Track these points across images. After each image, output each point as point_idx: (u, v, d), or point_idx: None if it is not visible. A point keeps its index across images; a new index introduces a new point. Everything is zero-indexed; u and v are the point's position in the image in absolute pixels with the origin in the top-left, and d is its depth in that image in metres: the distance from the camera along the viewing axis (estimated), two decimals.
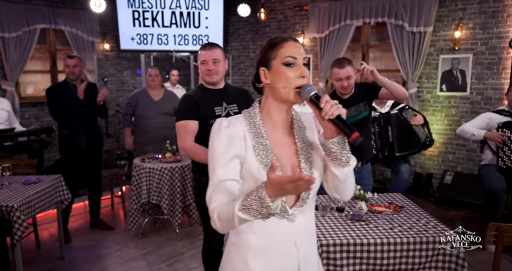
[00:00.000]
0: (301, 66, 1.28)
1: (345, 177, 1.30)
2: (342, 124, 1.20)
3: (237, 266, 1.34)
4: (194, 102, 2.47)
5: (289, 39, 1.31)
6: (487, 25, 4.65)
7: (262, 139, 1.30)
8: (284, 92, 1.28)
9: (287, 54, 1.27)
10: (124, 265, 3.47)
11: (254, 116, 1.34)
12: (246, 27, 6.92)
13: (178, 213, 3.88)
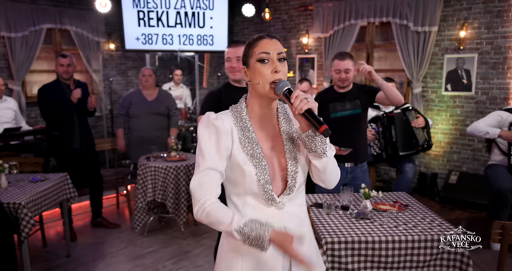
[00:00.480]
0: (274, 61, 1.33)
1: (324, 167, 1.37)
2: (311, 117, 1.25)
3: (230, 251, 1.42)
4: (216, 98, 2.54)
5: (264, 37, 1.36)
6: (492, 24, 4.64)
7: (248, 132, 1.38)
8: (261, 88, 1.34)
9: (260, 50, 1.33)
10: (129, 263, 3.50)
11: (240, 111, 1.41)
12: (251, 27, 6.94)
13: (183, 211, 3.90)
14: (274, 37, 1.37)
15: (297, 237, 1.31)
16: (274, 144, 1.42)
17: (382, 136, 4.12)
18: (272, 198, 1.37)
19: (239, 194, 1.40)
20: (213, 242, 3.78)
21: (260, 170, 1.35)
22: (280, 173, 1.41)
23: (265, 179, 1.35)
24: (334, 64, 2.98)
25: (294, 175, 1.40)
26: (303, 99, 1.24)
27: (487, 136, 3.65)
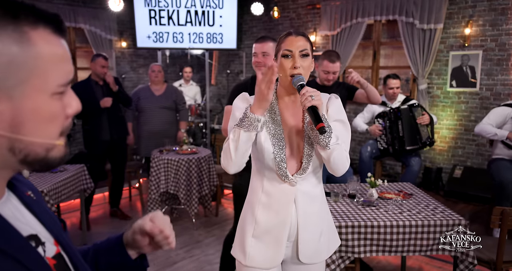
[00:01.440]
0: (295, 57, 1.49)
1: (328, 157, 1.48)
2: (312, 114, 1.38)
3: (247, 216, 1.65)
4: (243, 89, 2.64)
5: (290, 34, 1.53)
6: (497, 22, 4.73)
7: (275, 115, 1.57)
8: (283, 79, 1.53)
9: (284, 47, 1.51)
10: None
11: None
12: (259, 25, 7.06)
13: (195, 203, 4.03)
14: (299, 34, 1.53)
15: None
16: (296, 128, 1.58)
17: (389, 131, 4.22)
18: (285, 175, 1.53)
19: (259, 168, 1.61)
20: (223, 232, 3.91)
21: (277, 148, 1.53)
22: (297, 155, 1.57)
23: (281, 157, 1.53)
24: (324, 65, 3.12)
25: (308, 158, 1.55)
26: (308, 97, 1.38)
27: (495, 137, 3.69)
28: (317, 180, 1.63)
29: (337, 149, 1.47)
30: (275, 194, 1.57)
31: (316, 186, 1.63)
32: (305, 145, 1.55)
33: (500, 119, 3.73)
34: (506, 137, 3.64)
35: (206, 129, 6.83)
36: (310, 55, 1.54)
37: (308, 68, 1.54)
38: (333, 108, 1.58)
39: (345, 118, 1.60)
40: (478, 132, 3.82)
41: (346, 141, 1.57)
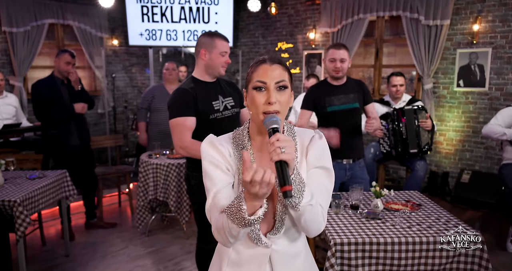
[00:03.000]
0: (270, 91, 1.22)
1: (298, 218, 1.22)
2: (280, 171, 1.10)
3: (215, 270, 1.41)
4: (191, 96, 2.32)
5: (264, 62, 1.26)
6: (507, 17, 4.48)
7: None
8: (254, 116, 1.26)
9: (257, 78, 1.24)
10: (130, 263, 3.38)
11: (242, 138, 1.33)
12: (257, 22, 6.81)
13: (186, 210, 3.78)
14: (275, 62, 1.26)
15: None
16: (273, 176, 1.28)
17: (392, 133, 3.97)
18: (258, 238, 1.28)
19: None
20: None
21: None
22: (271, 210, 1.29)
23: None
24: (329, 53, 2.93)
25: (282, 216, 1.28)
26: (277, 148, 1.09)
27: (504, 137, 3.51)
28: (297, 235, 1.36)
29: (309, 210, 1.20)
30: (245, 255, 1.32)
31: (296, 242, 1.36)
32: (279, 200, 1.27)
33: (508, 120, 3.54)
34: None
35: None
36: (289, 88, 1.26)
37: (287, 104, 1.26)
38: (314, 152, 1.30)
39: (328, 165, 1.32)
40: (486, 133, 3.62)
41: (325, 196, 1.30)
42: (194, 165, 2.40)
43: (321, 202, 1.26)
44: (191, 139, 2.28)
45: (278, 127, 1.18)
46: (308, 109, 3.03)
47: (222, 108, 2.40)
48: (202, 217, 2.52)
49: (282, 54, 6.49)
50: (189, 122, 2.29)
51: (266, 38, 6.71)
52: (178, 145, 2.31)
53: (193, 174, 2.43)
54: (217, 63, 2.35)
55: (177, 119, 2.29)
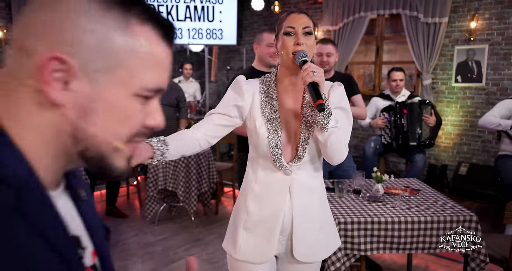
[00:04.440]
0: (298, 34, 1.41)
1: (325, 141, 1.39)
2: (312, 91, 1.29)
3: (240, 206, 1.58)
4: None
5: (292, 12, 1.46)
6: (504, 15, 4.63)
7: (271, 99, 1.49)
8: (285, 58, 1.43)
9: (287, 24, 1.43)
10: (141, 250, 3.53)
11: (269, 79, 1.53)
12: (260, 21, 6.96)
13: (194, 200, 3.93)
14: (302, 12, 1.46)
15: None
16: (294, 113, 1.50)
17: (393, 125, 4.11)
18: (280, 162, 1.46)
19: (254, 156, 1.55)
20: (223, 230, 3.78)
21: (272, 134, 1.47)
22: (293, 141, 1.50)
23: (275, 142, 1.46)
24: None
25: (304, 145, 1.46)
26: (310, 72, 1.29)
27: (499, 128, 3.59)
28: (315, 170, 1.54)
29: (335, 132, 1.39)
30: (269, 183, 1.50)
31: (314, 177, 1.54)
32: (302, 131, 1.47)
33: (504, 112, 3.62)
34: (510, 126, 3.50)
35: None
36: (313, 34, 1.45)
37: (312, 47, 1.45)
38: (335, 95, 1.49)
39: (347, 107, 1.51)
40: (482, 125, 3.68)
41: (346, 129, 1.49)
42: (240, 145, 2.72)
43: (344, 134, 1.44)
44: None
45: (308, 60, 1.36)
46: None
47: None
48: None
49: None
50: None
51: None
52: None
53: (240, 154, 2.74)
54: (265, 54, 2.65)
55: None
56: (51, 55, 0.49)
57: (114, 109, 0.54)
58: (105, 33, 0.51)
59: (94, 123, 0.53)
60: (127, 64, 0.53)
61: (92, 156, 0.55)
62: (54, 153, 0.53)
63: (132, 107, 0.55)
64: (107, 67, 0.52)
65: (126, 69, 0.53)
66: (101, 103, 0.53)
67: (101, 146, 0.55)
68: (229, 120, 1.52)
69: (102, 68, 0.52)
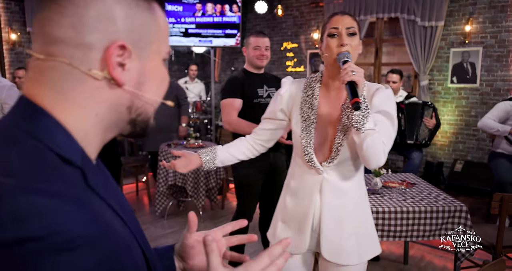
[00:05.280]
0: (342, 35, 1.42)
1: (361, 143, 1.35)
2: (349, 89, 1.30)
3: (281, 200, 1.70)
4: (240, 83, 2.74)
5: (335, 14, 1.48)
6: (497, 19, 4.82)
7: (312, 99, 1.53)
8: (329, 60, 1.45)
9: (330, 26, 1.44)
10: (152, 242, 3.68)
11: (314, 80, 1.58)
12: (263, 23, 7.14)
13: (202, 195, 4.12)
14: (346, 13, 1.47)
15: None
16: (333, 115, 1.51)
17: None
18: (311, 161, 1.50)
19: (294, 154, 1.63)
20: None
21: (305, 133, 1.52)
22: (329, 142, 1.51)
23: (307, 142, 1.51)
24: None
25: (338, 147, 1.47)
26: (349, 71, 1.29)
27: (498, 133, 3.67)
28: (350, 173, 1.52)
29: (372, 135, 1.32)
30: (302, 180, 1.56)
31: (348, 180, 1.52)
32: (338, 133, 1.47)
33: (502, 115, 3.70)
34: (508, 132, 3.61)
35: (211, 125, 6.92)
36: (357, 35, 1.45)
37: (356, 48, 1.45)
38: (378, 97, 1.44)
39: (391, 110, 1.44)
40: (481, 127, 3.80)
41: (387, 134, 1.40)
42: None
43: (383, 138, 1.37)
44: (236, 117, 2.69)
45: (349, 61, 1.37)
46: None
47: (265, 95, 2.80)
48: (241, 189, 2.85)
49: (287, 54, 6.83)
50: (237, 103, 2.70)
51: (272, 39, 7.04)
52: (225, 121, 2.71)
53: None
54: (252, 56, 2.75)
55: (227, 100, 2.71)
56: (116, 44, 0.56)
57: (157, 75, 0.64)
58: (142, 16, 0.60)
59: (148, 90, 0.62)
60: (158, 37, 0.63)
61: (142, 119, 0.64)
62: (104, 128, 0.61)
63: (164, 70, 0.66)
64: (147, 43, 0.61)
65: (157, 41, 0.62)
66: (148, 73, 0.62)
67: (150, 109, 0.65)
68: (276, 123, 1.63)
69: (144, 45, 0.60)
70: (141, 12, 0.60)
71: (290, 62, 6.80)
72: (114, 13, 0.57)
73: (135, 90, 0.60)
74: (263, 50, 2.74)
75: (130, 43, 0.58)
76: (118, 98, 0.59)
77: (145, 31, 0.60)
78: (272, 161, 2.80)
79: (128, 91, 0.60)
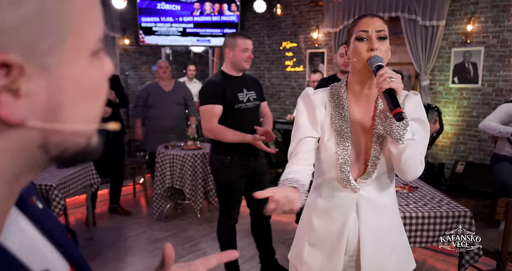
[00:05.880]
0: (372, 39, 1.29)
1: (399, 154, 1.25)
2: (388, 98, 1.18)
3: (304, 221, 1.52)
4: (220, 87, 2.63)
5: (366, 16, 1.34)
6: (499, 18, 4.77)
7: (342, 110, 1.38)
8: (357, 65, 1.32)
9: (359, 29, 1.31)
10: (150, 245, 3.66)
11: (339, 88, 1.42)
12: (262, 22, 7.08)
13: (200, 197, 4.06)
14: (376, 16, 1.34)
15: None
16: (365, 125, 1.38)
17: None
18: (347, 180, 1.35)
19: (320, 170, 1.44)
20: None
21: (342, 149, 1.35)
22: (363, 156, 1.38)
23: (344, 158, 1.35)
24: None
25: (375, 160, 1.34)
26: (387, 78, 1.18)
27: (500, 134, 3.60)
28: (386, 186, 1.40)
29: (412, 145, 1.24)
30: (334, 199, 1.40)
31: (385, 194, 1.40)
32: (373, 145, 1.34)
33: (504, 117, 3.61)
34: (511, 134, 3.53)
35: None
36: (388, 39, 1.32)
37: (387, 53, 1.32)
38: (410, 105, 1.35)
39: (424, 118, 1.37)
40: (482, 129, 3.72)
41: (423, 143, 1.32)
42: (217, 148, 2.72)
43: (420, 148, 1.29)
44: (217, 123, 2.60)
45: (383, 65, 1.24)
46: None
47: (245, 99, 2.70)
48: (224, 194, 2.79)
49: (286, 53, 6.77)
50: (217, 109, 2.60)
51: (271, 38, 6.98)
52: (205, 128, 2.62)
53: (217, 156, 2.74)
54: (240, 59, 2.63)
55: (206, 106, 2.61)
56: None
57: (82, 86, 0.41)
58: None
59: (69, 117, 0.40)
60: (73, 24, 0.39)
61: (73, 153, 0.43)
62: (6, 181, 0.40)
63: (96, 72, 0.43)
64: (55, 40, 0.37)
65: (74, 31, 0.39)
66: (67, 88, 0.39)
67: (82, 138, 0.43)
68: (315, 141, 1.41)
69: (51, 44, 0.37)
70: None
71: (289, 62, 6.74)
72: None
73: (46, 124, 0.39)
74: (251, 53, 2.67)
75: (23, 50, 0.35)
76: (19, 142, 0.38)
77: (46, 21, 0.36)
78: (253, 164, 2.76)
79: (35, 128, 0.38)
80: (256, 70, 7.25)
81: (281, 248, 3.45)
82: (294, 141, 1.42)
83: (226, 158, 2.69)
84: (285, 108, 6.86)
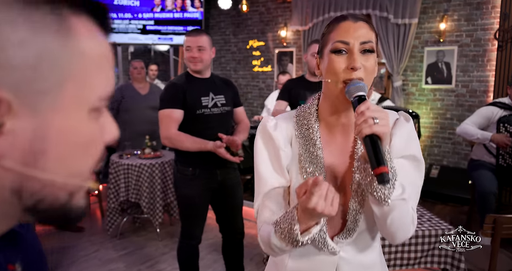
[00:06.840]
0: (354, 54, 0.95)
1: (385, 217, 0.96)
2: (370, 149, 0.86)
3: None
4: (180, 90, 2.36)
5: (346, 19, 0.99)
6: (472, 17, 4.63)
7: (314, 148, 1.04)
8: (332, 88, 0.99)
9: (336, 38, 0.97)
10: (102, 267, 3.29)
11: (308, 116, 1.07)
12: (227, 20, 6.78)
13: (159, 211, 3.70)
14: (360, 19, 0.98)
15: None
16: (343, 167, 1.06)
17: None
18: (323, 242, 1.04)
19: None
20: None
21: None
22: (340, 207, 1.04)
23: None
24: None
25: (355, 215, 1.03)
26: (369, 119, 0.86)
27: (478, 140, 3.42)
28: (370, 242, 1.10)
29: (400, 206, 0.95)
30: (307, 263, 1.09)
31: (371, 251, 1.11)
32: (353, 195, 1.03)
33: (483, 121, 3.40)
34: (489, 140, 3.30)
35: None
36: (375, 52, 0.98)
37: (372, 72, 0.98)
38: (401, 136, 1.03)
39: (417, 153, 1.05)
40: (460, 134, 3.53)
41: (416, 192, 1.04)
42: (179, 157, 2.46)
43: (412, 202, 1.01)
44: (176, 130, 2.34)
45: (365, 96, 0.92)
46: (284, 100, 3.08)
47: (211, 105, 2.41)
48: (186, 211, 2.51)
49: (253, 52, 6.49)
50: (176, 114, 2.34)
51: (237, 36, 6.67)
52: (163, 135, 2.36)
53: (179, 167, 2.47)
54: (185, 58, 2.39)
55: (165, 110, 2.36)
56: None
57: (73, 138, 0.41)
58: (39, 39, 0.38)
59: (49, 166, 0.40)
60: (76, 74, 0.40)
61: (48, 207, 0.42)
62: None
63: (92, 128, 0.43)
64: (52, 84, 0.39)
65: (76, 81, 0.40)
66: (54, 136, 0.40)
67: (61, 192, 0.42)
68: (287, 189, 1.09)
69: (45, 88, 0.38)
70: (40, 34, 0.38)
71: (256, 61, 6.48)
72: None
73: (21, 167, 0.38)
74: (195, 52, 2.32)
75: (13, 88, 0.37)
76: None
77: (46, 65, 0.38)
78: (220, 178, 2.46)
79: (8, 169, 0.38)
80: (222, 70, 6.93)
81: (249, 265, 3.19)
82: (259, 195, 1.07)
83: (187, 169, 2.40)
84: (252, 110, 6.56)
